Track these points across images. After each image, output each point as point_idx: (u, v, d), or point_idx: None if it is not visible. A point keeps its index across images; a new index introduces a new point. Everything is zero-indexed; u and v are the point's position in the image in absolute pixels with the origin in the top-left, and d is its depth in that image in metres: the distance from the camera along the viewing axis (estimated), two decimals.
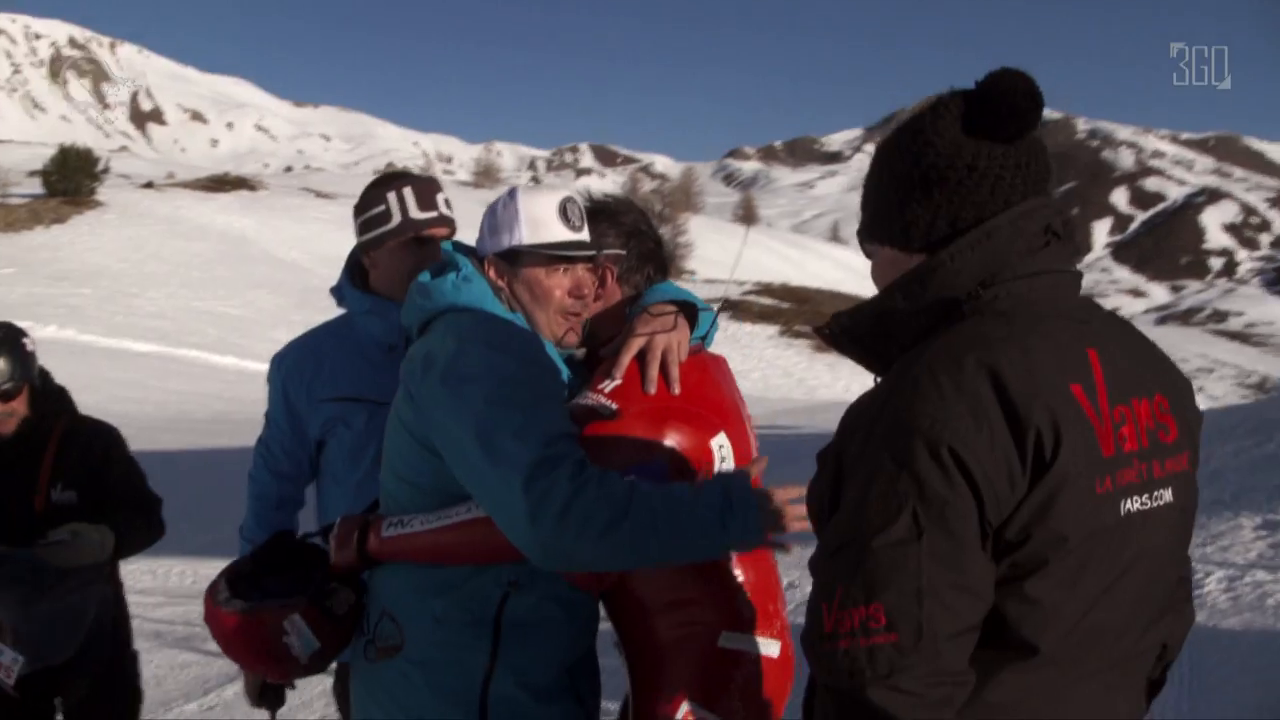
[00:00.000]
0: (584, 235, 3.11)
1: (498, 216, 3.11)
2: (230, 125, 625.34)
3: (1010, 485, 1.85)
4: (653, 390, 3.02)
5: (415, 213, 3.64)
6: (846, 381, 57.83)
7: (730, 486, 2.78)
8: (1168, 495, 2.02)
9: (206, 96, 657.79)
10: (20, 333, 4.68)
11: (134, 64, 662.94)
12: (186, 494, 17.40)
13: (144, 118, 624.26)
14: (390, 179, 3.75)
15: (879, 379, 2.11)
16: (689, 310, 3.21)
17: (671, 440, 2.97)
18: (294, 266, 69.29)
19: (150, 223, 73.29)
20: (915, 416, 1.86)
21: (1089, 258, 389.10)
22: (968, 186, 2.06)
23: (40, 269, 59.24)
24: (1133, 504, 1.95)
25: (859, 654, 1.81)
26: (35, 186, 78.85)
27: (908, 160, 2.14)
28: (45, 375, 4.81)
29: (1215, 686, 6.27)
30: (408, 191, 3.65)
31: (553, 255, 3.08)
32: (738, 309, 70.77)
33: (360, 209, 3.75)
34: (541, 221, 3.06)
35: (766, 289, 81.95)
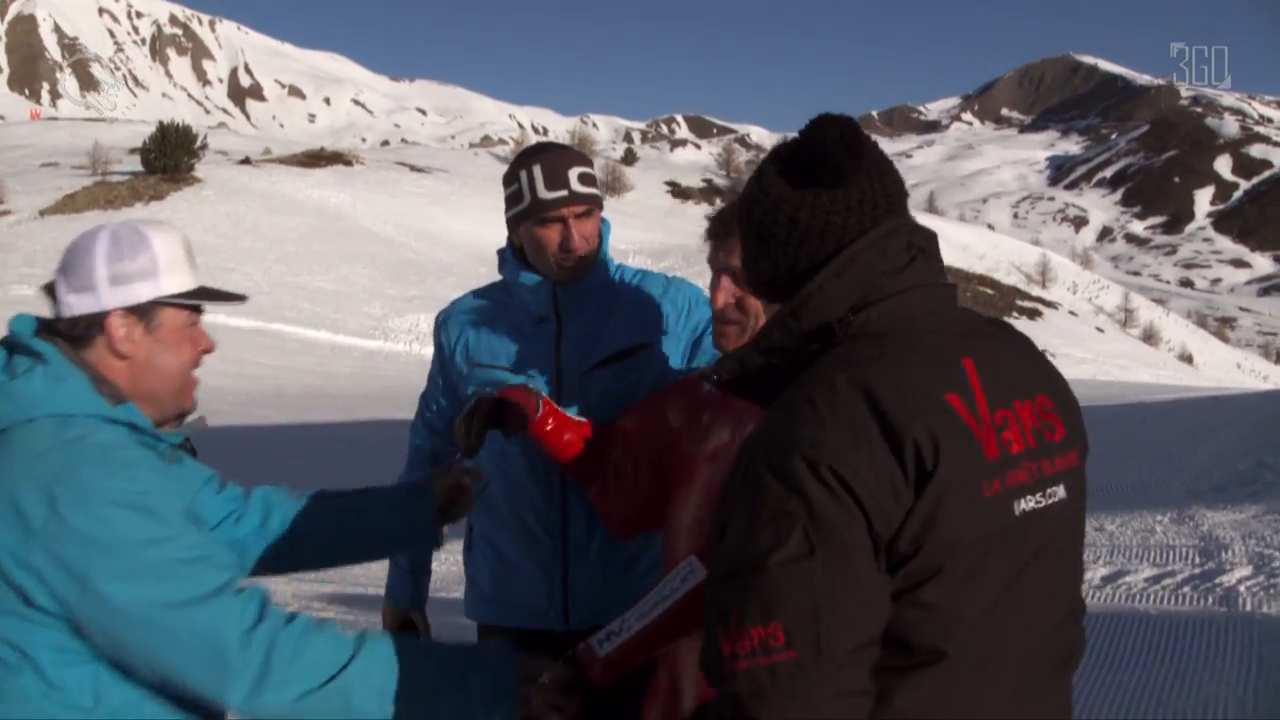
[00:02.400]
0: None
1: (125, 262, 2.64)
2: (328, 100, 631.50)
3: (895, 498, 1.87)
4: None
5: (544, 193, 3.44)
6: None
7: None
8: (1061, 492, 2.06)
9: (304, 72, 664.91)
10: None
11: (233, 41, 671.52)
12: (276, 471, 17.46)
13: (243, 94, 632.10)
14: (528, 155, 3.57)
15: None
16: None
17: None
18: (388, 241, 69.86)
19: (247, 198, 74.19)
20: (795, 439, 1.89)
21: (1189, 228, 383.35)
22: (795, 239, 2.10)
23: None
24: (1027, 503, 1.98)
25: (760, 673, 1.82)
26: (136, 164, 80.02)
27: (744, 217, 2.22)
28: None
29: None
30: (537, 170, 3.46)
31: (194, 305, 2.79)
32: None
33: (505, 185, 3.61)
34: (180, 264, 2.74)
35: None
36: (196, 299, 2.75)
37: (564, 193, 3.42)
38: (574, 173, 3.45)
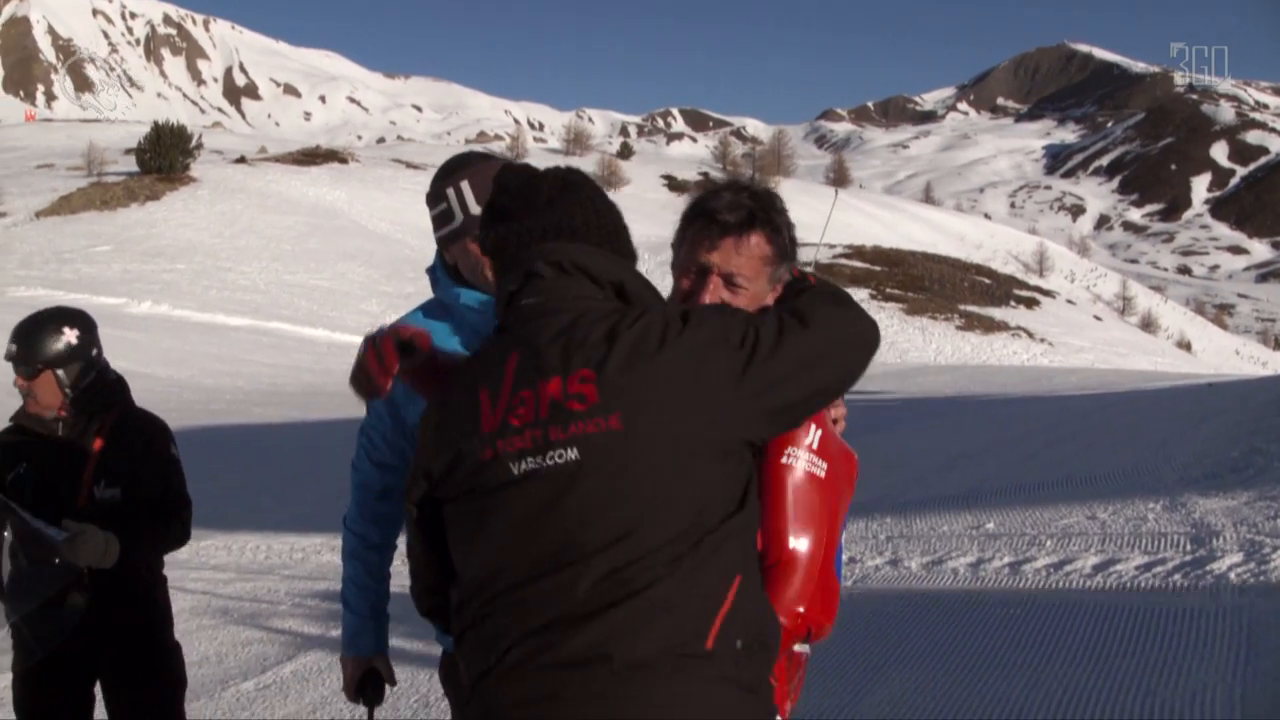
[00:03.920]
0: None
1: None
2: (323, 98, 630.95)
3: (427, 458, 2.64)
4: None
5: (475, 209, 3.37)
6: (939, 344, 57.34)
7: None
8: (571, 454, 2.41)
9: (299, 70, 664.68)
10: (65, 320, 4.69)
11: (227, 40, 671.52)
12: (272, 469, 17.60)
13: (238, 93, 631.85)
14: (451, 170, 3.50)
15: None
16: None
17: (848, 493, 2.95)
18: (384, 238, 69.90)
19: (242, 197, 74.26)
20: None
21: (1186, 215, 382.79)
22: (489, 256, 2.84)
23: (135, 245, 60.26)
24: (527, 464, 2.43)
25: None
26: (131, 164, 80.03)
27: None
28: (100, 367, 4.79)
29: (1270, 670, 5.98)
30: (465, 186, 3.40)
31: None
32: (829, 272, 70.41)
33: (429, 203, 3.52)
34: None
35: (858, 251, 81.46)
36: None
37: None
38: None
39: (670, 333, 2.46)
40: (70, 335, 4.63)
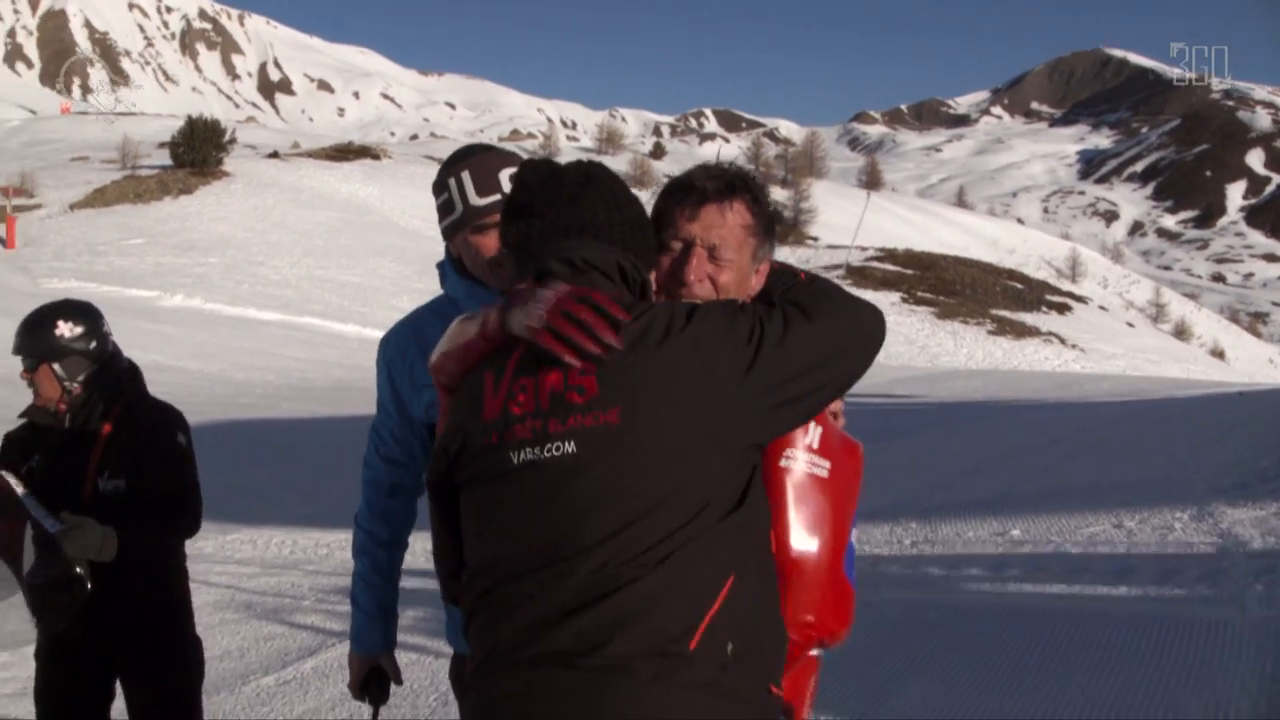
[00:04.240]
0: None
1: None
2: (357, 94, 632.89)
3: (448, 440, 2.61)
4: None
5: (475, 199, 3.32)
6: (970, 349, 57.15)
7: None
8: (569, 447, 2.39)
9: (333, 66, 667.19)
10: (62, 314, 4.67)
11: (262, 35, 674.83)
12: (299, 463, 17.64)
13: (272, 88, 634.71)
14: (454, 161, 3.45)
15: None
16: None
17: (855, 489, 2.84)
18: (416, 234, 70.02)
19: (275, 192, 74.51)
20: None
21: (1221, 222, 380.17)
22: (507, 245, 2.76)
23: (168, 239, 60.50)
24: (526, 454, 2.43)
25: None
26: (165, 158, 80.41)
27: None
28: (104, 360, 4.76)
29: None
30: (466, 176, 3.35)
31: None
32: (860, 275, 70.28)
33: (434, 193, 3.49)
34: None
35: (889, 255, 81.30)
36: None
37: (497, 196, 3.29)
38: (504, 174, 3.33)
39: (674, 326, 2.44)
40: (65, 329, 4.63)
